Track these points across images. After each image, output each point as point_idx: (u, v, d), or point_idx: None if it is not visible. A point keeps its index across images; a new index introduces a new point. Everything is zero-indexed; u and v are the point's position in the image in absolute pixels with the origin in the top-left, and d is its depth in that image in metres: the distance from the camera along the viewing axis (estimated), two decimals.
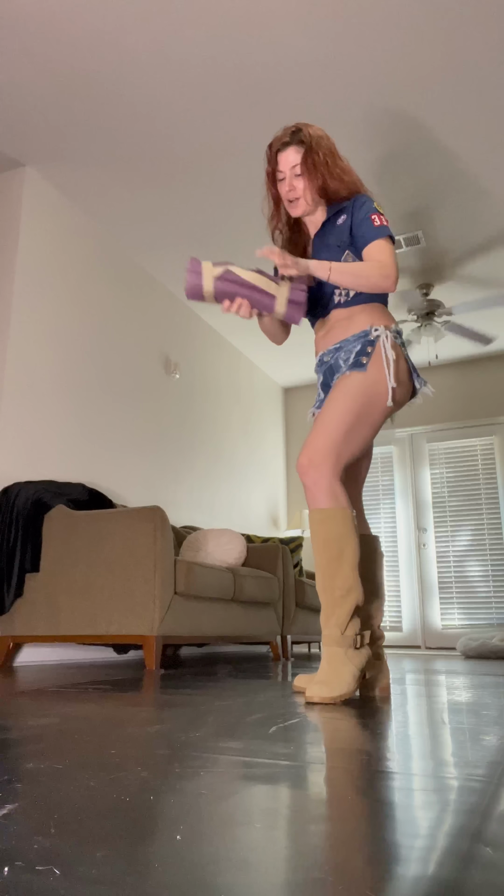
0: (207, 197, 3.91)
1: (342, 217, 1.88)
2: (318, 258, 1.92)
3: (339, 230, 1.87)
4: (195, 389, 5.15)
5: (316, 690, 1.55)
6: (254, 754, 0.90)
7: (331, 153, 1.87)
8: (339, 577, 1.66)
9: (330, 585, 1.67)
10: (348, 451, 1.76)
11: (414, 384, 1.90)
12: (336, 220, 1.89)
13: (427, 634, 5.87)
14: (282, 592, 4.10)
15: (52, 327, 3.67)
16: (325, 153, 1.86)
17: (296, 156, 1.87)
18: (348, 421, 1.75)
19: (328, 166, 1.85)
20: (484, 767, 0.84)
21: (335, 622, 1.65)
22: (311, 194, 1.89)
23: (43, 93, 3.15)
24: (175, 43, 2.87)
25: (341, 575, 1.66)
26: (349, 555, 1.67)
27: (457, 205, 3.96)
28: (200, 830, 0.57)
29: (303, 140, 1.86)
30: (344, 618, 1.65)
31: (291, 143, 1.87)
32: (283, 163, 1.89)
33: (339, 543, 1.68)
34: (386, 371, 1.79)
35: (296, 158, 1.87)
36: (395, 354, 1.82)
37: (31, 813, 0.62)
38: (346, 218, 1.86)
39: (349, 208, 1.86)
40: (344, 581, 1.66)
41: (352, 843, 0.54)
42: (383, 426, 6.64)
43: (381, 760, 0.87)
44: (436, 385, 6.45)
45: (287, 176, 1.89)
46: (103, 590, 2.76)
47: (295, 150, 1.87)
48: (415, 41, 2.85)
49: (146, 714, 1.31)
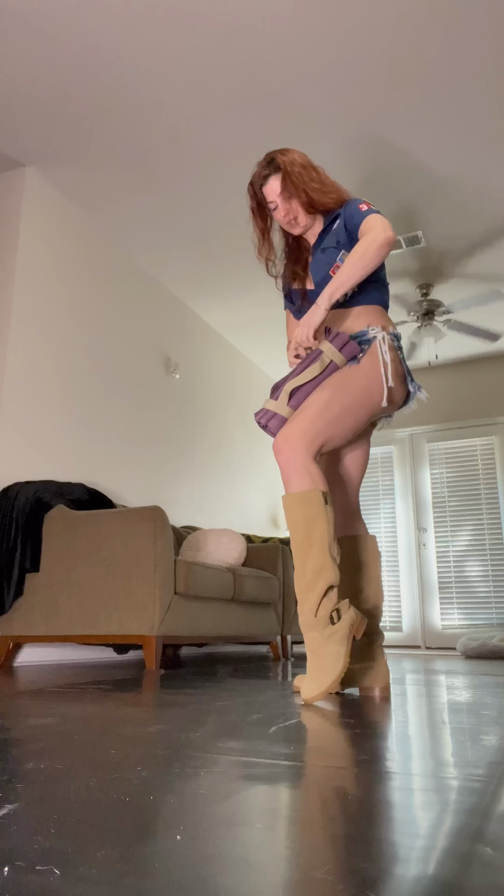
0: (207, 197, 3.91)
1: (337, 222, 1.95)
2: (315, 263, 1.98)
3: (335, 232, 1.94)
4: (195, 389, 5.15)
5: (305, 690, 1.54)
6: (254, 754, 0.90)
7: (306, 169, 1.94)
8: (310, 560, 1.64)
9: (302, 569, 1.66)
10: (326, 434, 1.75)
11: (408, 388, 1.92)
12: (331, 226, 1.96)
13: (427, 634, 5.87)
14: (282, 592, 4.10)
15: (52, 327, 3.67)
16: (301, 171, 1.93)
17: (278, 183, 1.95)
18: (331, 408, 1.76)
19: (306, 182, 1.93)
20: (484, 767, 0.84)
21: (308, 607, 1.63)
22: (302, 211, 1.97)
23: (43, 93, 3.15)
24: (175, 43, 2.87)
25: (311, 557, 1.64)
26: (318, 535, 1.65)
27: (457, 204, 3.96)
28: (200, 830, 0.57)
29: (279, 166, 1.94)
30: (315, 600, 1.62)
31: (271, 174, 1.95)
32: (269, 193, 1.97)
33: (307, 525, 1.66)
34: (381, 371, 1.81)
35: (280, 185, 1.95)
36: (391, 356, 1.85)
37: (31, 813, 0.62)
38: (340, 222, 1.93)
39: (342, 213, 1.93)
40: (314, 563, 1.64)
41: (352, 843, 0.54)
42: (383, 426, 6.63)
43: (381, 760, 0.87)
44: (436, 385, 6.45)
45: (278, 203, 1.97)
46: (103, 590, 2.76)
47: (275, 178, 1.95)
48: (409, 40, 2.85)
49: (146, 714, 1.31)
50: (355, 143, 3.47)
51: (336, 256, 1.92)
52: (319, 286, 1.97)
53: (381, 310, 1.94)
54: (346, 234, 1.91)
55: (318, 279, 1.97)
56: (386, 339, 1.85)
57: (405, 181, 3.75)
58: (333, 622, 1.60)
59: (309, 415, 1.75)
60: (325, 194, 1.94)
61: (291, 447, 1.72)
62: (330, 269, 1.94)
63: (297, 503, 1.68)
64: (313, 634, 1.61)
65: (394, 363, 1.85)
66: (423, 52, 2.90)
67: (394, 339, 1.88)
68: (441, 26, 2.78)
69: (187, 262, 4.59)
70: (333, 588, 1.64)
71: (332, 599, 1.63)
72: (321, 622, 1.61)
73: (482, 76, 3.03)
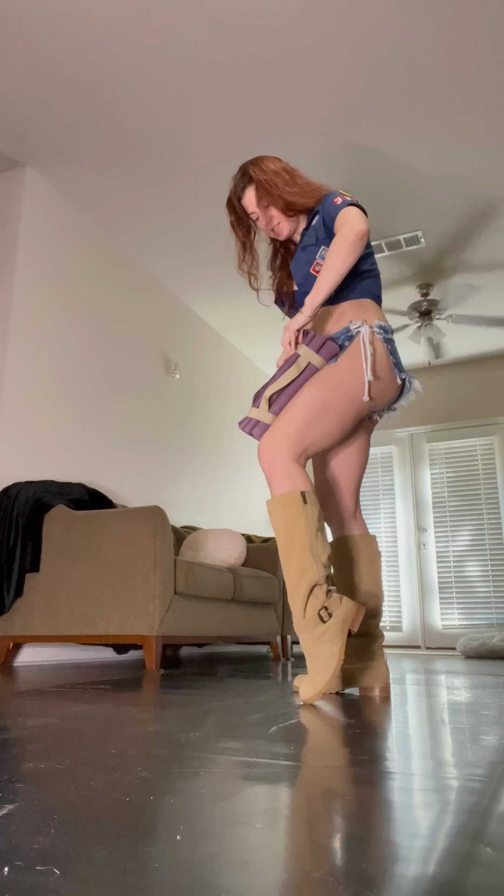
0: (207, 197, 3.91)
1: (315, 218, 1.95)
2: (297, 262, 1.99)
3: (314, 229, 1.94)
4: (195, 389, 5.15)
5: (302, 691, 1.54)
6: (254, 754, 0.90)
7: (279, 175, 1.96)
8: (293, 561, 1.63)
9: (287, 572, 1.65)
10: (309, 437, 1.74)
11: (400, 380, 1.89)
12: (311, 223, 1.97)
13: (427, 634, 5.87)
14: (282, 592, 4.10)
15: (52, 327, 3.67)
16: (272, 177, 1.96)
17: (254, 194, 1.98)
18: (311, 409, 1.75)
19: (280, 187, 1.95)
20: (484, 767, 0.84)
21: (297, 609, 1.62)
22: (283, 217, 1.99)
23: (43, 93, 3.15)
24: (175, 43, 2.87)
25: (294, 558, 1.63)
26: (298, 535, 1.64)
27: (458, 204, 3.97)
28: (200, 830, 0.57)
29: (251, 177, 1.97)
30: (301, 601, 1.61)
31: (246, 185, 1.99)
32: (248, 206, 2.00)
33: (287, 527, 1.65)
34: (364, 365, 1.79)
35: (255, 196, 1.98)
36: (373, 349, 1.82)
37: (31, 813, 0.62)
38: (319, 216, 1.93)
39: (320, 208, 1.93)
40: (297, 563, 1.63)
41: (352, 843, 0.54)
42: (382, 426, 6.64)
43: (381, 760, 0.87)
44: (436, 385, 6.45)
45: (258, 213, 2.00)
46: (103, 590, 2.76)
47: (251, 189, 1.98)
48: (404, 41, 2.85)
49: (146, 714, 1.31)
50: (354, 143, 3.47)
51: (315, 254, 1.91)
52: (301, 286, 1.98)
53: (369, 302, 1.91)
54: (324, 230, 1.91)
55: (300, 279, 1.97)
56: (369, 332, 1.82)
57: (404, 181, 3.75)
58: (324, 620, 1.58)
59: (289, 417, 1.74)
60: (302, 195, 1.95)
61: (273, 450, 1.71)
62: (310, 268, 1.93)
63: (278, 506, 1.68)
64: (305, 636, 1.60)
65: (380, 356, 1.82)
66: (418, 53, 2.90)
67: (380, 331, 1.84)
68: (434, 28, 2.77)
69: (187, 262, 4.59)
70: (319, 586, 1.62)
71: (318, 598, 1.61)
72: (311, 622, 1.59)
73: (476, 76, 3.03)
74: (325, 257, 1.78)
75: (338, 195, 1.87)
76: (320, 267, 1.90)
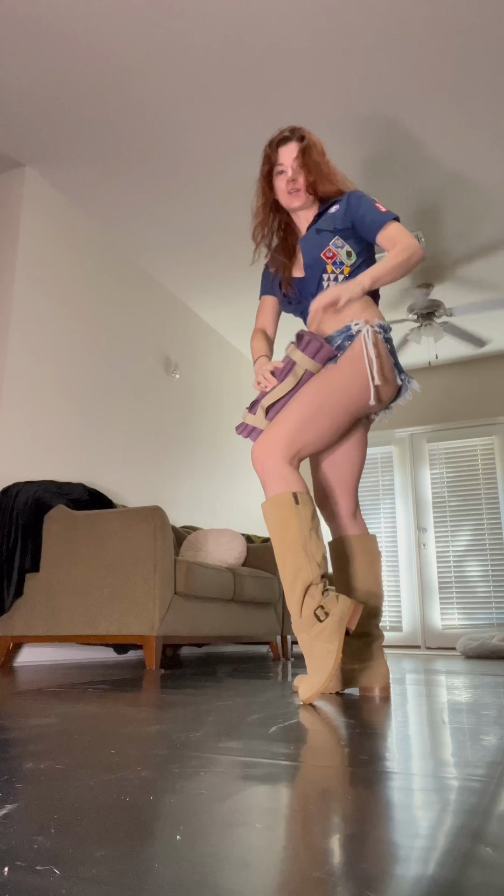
0: (207, 197, 3.91)
1: (335, 207, 1.93)
2: (308, 241, 1.95)
3: (331, 217, 1.92)
4: (195, 389, 5.15)
5: (301, 691, 1.54)
6: (254, 754, 0.90)
7: (322, 155, 1.97)
8: (287, 562, 1.63)
9: (283, 573, 1.65)
10: (303, 439, 1.73)
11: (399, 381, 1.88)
12: (329, 210, 1.95)
13: (427, 634, 5.87)
14: (282, 593, 4.10)
15: (52, 327, 3.67)
16: (318, 154, 1.96)
17: (297, 151, 1.94)
18: (306, 410, 1.73)
19: (320, 165, 1.95)
20: (484, 767, 0.84)
21: (293, 609, 1.62)
22: (307, 188, 1.96)
23: (43, 93, 3.15)
24: (175, 44, 2.87)
25: (288, 558, 1.63)
26: (291, 536, 1.63)
27: (457, 205, 3.96)
28: (200, 830, 0.57)
29: (302, 137, 1.95)
30: (297, 601, 1.60)
31: (292, 138, 1.95)
32: (284, 156, 1.95)
33: (281, 528, 1.65)
34: (368, 369, 1.78)
35: (297, 154, 1.94)
36: (376, 351, 1.81)
37: (31, 813, 0.62)
38: (340, 209, 1.92)
39: (343, 202, 1.92)
40: (291, 564, 1.62)
41: (351, 843, 0.54)
42: (382, 426, 6.63)
43: (381, 760, 0.87)
44: (436, 385, 6.45)
45: (288, 168, 1.95)
46: (103, 590, 2.76)
47: (295, 145, 1.95)
48: (411, 45, 2.84)
49: (146, 714, 1.31)
50: (361, 137, 3.47)
51: (329, 240, 1.90)
52: (310, 268, 1.94)
53: (371, 301, 1.91)
54: (346, 222, 1.90)
55: (309, 260, 1.94)
56: (371, 333, 1.80)
57: (408, 180, 3.75)
58: (320, 619, 1.57)
59: (283, 419, 1.74)
60: (330, 182, 1.95)
61: (265, 453, 1.70)
62: (321, 252, 1.91)
63: (271, 508, 1.67)
64: (302, 637, 1.59)
65: (382, 357, 1.81)
66: (421, 55, 2.90)
67: (380, 331, 1.83)
68: (450, 23, 2.77)
69: (187, 261, 4.59)
70: (315, 586, 1.61)
71: (314, 597, 1.60)
72: (307, 622, 1.59)
73: (488, 74, 3.03)
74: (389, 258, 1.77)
75: (375, 200, 1.91)
76: (332, 254, 1.90)
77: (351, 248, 1.92)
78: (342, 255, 1.91)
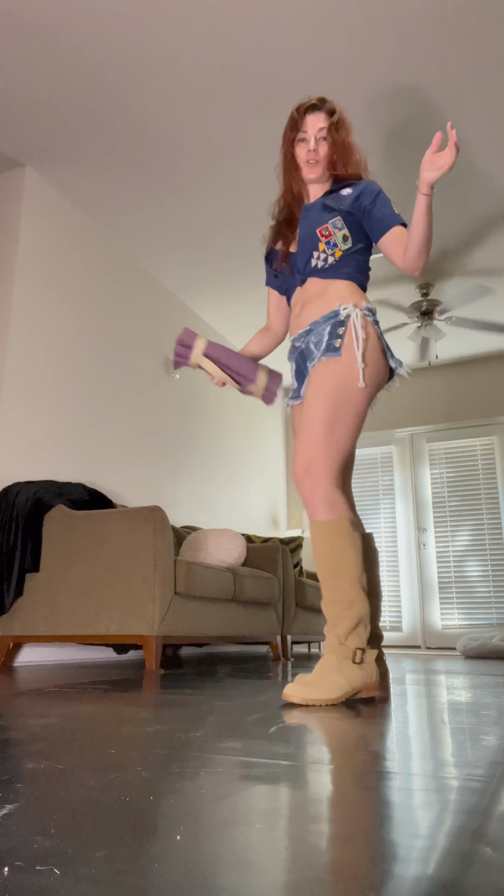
0: (207, 197, 3.91)
1: (348, 189, 1.89)
2: (310, 212, 1.93)
3: (341, 198, 1.89)
4: (195, 389, 5.15)
5: (293, 689, 1.52)
6: (254, 754, 0.90)
7: (349, 134, 1.92)
8: (338, 591, 1.62)
9: (330, 598, 1.64)
10: (339, 450, 1.72)
11: (389, 365, 1.87)
12: (340, 190, 1.91)
13: (427, 634, 5.87)
14: (282, 592, 4.10)
15: (52, 327, 3.67)
16: (346, 133, 1.90)
17: (324, 122, 1.88)
18: (330, 420, 1.72)
19: (346, 146, 1.90)
20: (484, 767, 0.84)
21: (336, 632, 1.62)
22: (327, 162, 1.91)
23: (43, 93, 3.15)
24: (175, 44, 2.87)
25: (340, 589, 1.62)
26: (347, 568, 1.63)
27: (458, 205, 3.96)
28: (200, 830, 0.57)
29: (333, 111, 1.89)
30: (344, 631, 1.61)
31: (321, 109, 1.89)
32: (310, 124, 1.89)
33: (335, 557, 1.64)
34: (356, 351, 1.76)
35: (324, 122, 1.88)
36: (365, 334, 1.79)
37: (31, 813, 0.62)
38: (353, 193, 1.87)
39: (358, 187, 1.88)
40: (343, 595, 1.62)
41: (352, 843, 0.54)
42: (382, 427, 6.64)
43: (381, 760, 0.87)
44: (436, 385, 6.45)
45: (311, 138, 1.89)
46: (103, 590, 2.76)
47: (323, 116, 1.89)
48: (407, 47, 2.85)
49: (146, 714, 1.31)
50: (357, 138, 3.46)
51: (330, 219, 1.87)
52: (303, 241, 1.91)
53: (356, 286, 1.88)
54: (353, 207, 1.85)
55: (304, 233, 1.91)
56: (360, 316, 1.79)
57: (407, 181, 3.75)
58: (355, 661, 1.59)
59: (321, 440, 1.71)
60: (350, 164, 1.91)
61: (313, 479, 1.69)
62: (318, 228, 1.88)
63: (323, 532, 1.66)
64: (330, 658, 1.60)
65: (372, 340, 1.79)
66: (420, 54, 2.90)
67: (369, 314, 1.82)
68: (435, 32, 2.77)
69: (187, 261, 4.59)
70: (364, 626, 1.62)
71: (360, 637, 1.61)
72: (344, 651, 1.60)
73: (487, 69, 3.03)
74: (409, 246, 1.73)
75: (388, 199, 1.89)
76: (328, 233, 1.86)
77: (348, 234, 1.87)
78: (338, 237, 1.87)
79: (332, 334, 1.79)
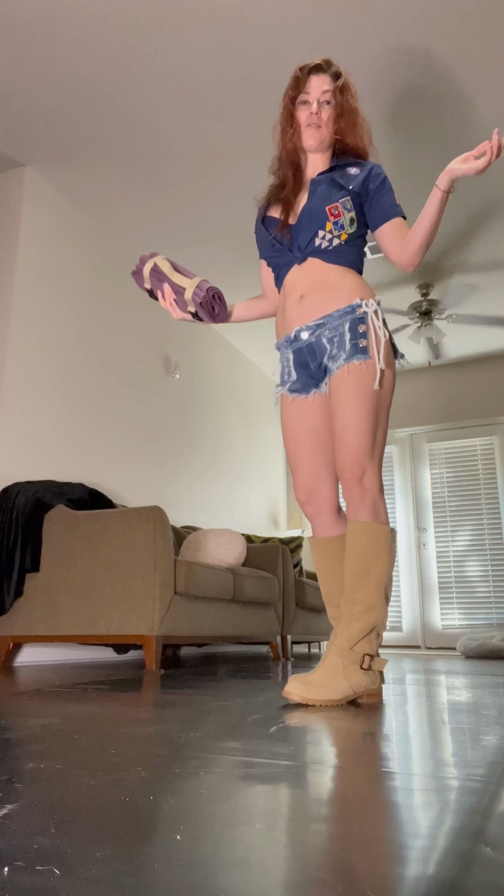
0: (207, 197, 3.91)
1: (355, 168, 1.80)
2: (320, 185, 1.80)
3: (350, 176, 1.79)
4: (195, 389, 5.15)
5: (294, 686, 1.51)
6: (254, 754, 0.90)
7: (355, 100, 1.81)
8: (361, 592, 1.61)
9: (351, 598, 1.63)
10: (382, 452, 1.74)
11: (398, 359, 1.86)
12: (347, 168, 1.81)
13: (427, 634, 5.87)
14: (282, 592, 4.10)
15: (52, 327, 3.67)
16: (353, 99, 1.79)
17: (328, 83, 1.78)
18: (374, 426, 1.70)
19: (354, 113, 1.79)
20: (484, 767, 0.84)
21: (348, 634, 1.60)
22: (330, 129, 1.80)
23: (43, 93, 3.15)
24: (175, 44, 2.87)
25: (363, 590, 1.62)
26: (376, 572, 1.62)
27: (458, 205, 3.97)
28: (200, 830, 0.57)
29: (338, 75, 1.79)
30: (356, 634, 1.60)
31: (326, 71, 1.78)
32: (314, 85, 1.77)
33: (367, 559, 1.63)
34: (375, 352, 1.71)
35: (328, 85, 1.77)
36: (385, 333, 1.74)
37: (31, 813, 0.62)
38: (360, 173, 1.79)
39: (365, 168, 1.79)
40: (365, 597, 1.61)
41: (352, 843, 0.54)
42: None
43: (381, 760, 0.87)
44: (436, 385, 6.45)
45: (314, 100, 1.78)
46: (103, 590, 2.76)
47: (328, 78, 1.78)
48: (402, 51, 2.85)
49: (146, 714, 1.31)
50: None
51: (338, 198, 1.75)
52: (308, 217, 1.78)
53: (361, 276, 1.83)
54: (362, 189, 1.77)
55: (311, 209, 1.78)
56: (379, 314, 1.74)
57: (403, 183, 3.75)
58: (362, 666, 1.58)
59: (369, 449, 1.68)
60: (357, 137, 1.80)
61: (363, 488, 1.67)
62: (328, 206, 1.76)
63: (361, 532, 1.65)
64: (335, 660, 1.58)
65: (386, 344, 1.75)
66: (418, 44, 2.90)
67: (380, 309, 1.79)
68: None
69: (187, 262, 4.58)
70: (378, 634, 1.62)
71: (371, 643, 1.60)
72: (353, 656, 1.58)
73: (485, 78, 3.03)
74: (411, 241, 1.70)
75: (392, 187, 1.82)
76: (337, 212, 1.75)
77: (355, 217, 1.78)
78: (346, 218, 1.76)
79: (354, 333, 1.71)
